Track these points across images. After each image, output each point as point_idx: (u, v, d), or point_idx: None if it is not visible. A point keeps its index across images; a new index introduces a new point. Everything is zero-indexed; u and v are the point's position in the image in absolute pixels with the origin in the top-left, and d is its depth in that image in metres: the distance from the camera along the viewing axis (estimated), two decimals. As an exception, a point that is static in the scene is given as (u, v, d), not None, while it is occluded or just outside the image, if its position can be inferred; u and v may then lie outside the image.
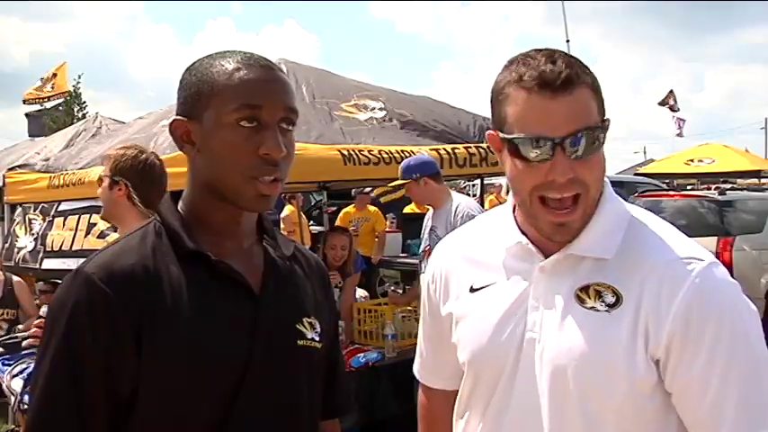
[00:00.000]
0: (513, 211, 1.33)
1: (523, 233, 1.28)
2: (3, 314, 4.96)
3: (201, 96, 1.13)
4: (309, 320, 1.23)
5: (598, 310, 1.19)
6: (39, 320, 2.85)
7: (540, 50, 1.19)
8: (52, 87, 12.61)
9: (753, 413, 1.14)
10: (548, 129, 1.13)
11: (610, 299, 1.19)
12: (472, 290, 1.33)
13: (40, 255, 5.45)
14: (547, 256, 1.25)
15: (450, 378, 1.45)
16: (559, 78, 1.13)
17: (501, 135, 1.19)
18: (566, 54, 1.18)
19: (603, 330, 1.17)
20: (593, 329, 1.18)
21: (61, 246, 5.25)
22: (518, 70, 1.17)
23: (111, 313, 1.05)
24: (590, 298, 1.20)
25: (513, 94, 1.17)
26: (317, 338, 1.23)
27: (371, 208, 8.79)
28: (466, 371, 1.34)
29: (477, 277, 1.34)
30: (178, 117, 1.15)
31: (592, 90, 1.16)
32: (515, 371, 1.25)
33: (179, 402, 1.07)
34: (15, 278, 5.15)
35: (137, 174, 2.37)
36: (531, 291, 1.25)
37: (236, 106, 1.11)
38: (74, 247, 5.10)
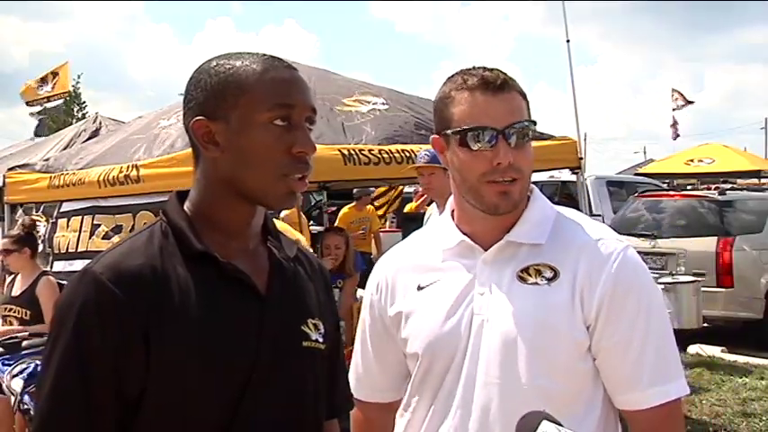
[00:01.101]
0: (453, 217, 1.47)
1: (464, 233, 1.42)
2: (16, 311, 4.61)
3: (228, 96, 1.13)
4: (314, 321, 1.23)
5: (539, 284, 1.35)
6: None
7: (477, 66, 1.39)
8: (52, 87, 12.56)
9: (665, 369, 1.36)
10: (491, 120, 1.33)
11: (548, 274, 1.36)
12: (419, 288, 1.46)
13: (50, 258, 5.39)
14: (486, 250, 1.40)
15: (388, 390, 1.58)
16: (498, 79, 1.35)
17: (449, 131, 1.37)
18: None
19: (546, 299, 1.34)
20: (537, 300, 1.34)
21: (68, 248, 5.20)
22: (461, 78, 1.37)
23: (119, 313, 1.05)
24: (531, 276, 1.37)
25: (458, 96, 1.36)
26: (321, 339, 1.23)
27: (368, 207, 8.74)
28: (418, 362, 1.43)
29: (423, 278, 1.46)
30: (198, 117, 1.14)
31: (522, 96, 1.38)
32: (466, 351, 1.37)
33: (186, 403, 1.07)
34: (49, 278, 4.68)
35: None
36: (476, 280, 1.39)
37: (270, 106, 1.12)
38: (79, 249, 5.04)
